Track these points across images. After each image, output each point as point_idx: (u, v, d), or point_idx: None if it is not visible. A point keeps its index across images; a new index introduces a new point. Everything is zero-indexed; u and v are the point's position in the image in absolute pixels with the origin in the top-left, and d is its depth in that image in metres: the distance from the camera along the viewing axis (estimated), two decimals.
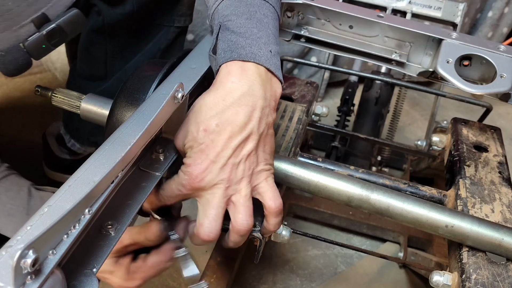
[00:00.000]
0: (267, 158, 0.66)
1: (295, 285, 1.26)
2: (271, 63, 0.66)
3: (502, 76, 0.79)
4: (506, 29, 2.01)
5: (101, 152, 0.53)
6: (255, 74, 0.63)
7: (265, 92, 0.64)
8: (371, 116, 1.45)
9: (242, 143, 0.62)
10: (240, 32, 0.66)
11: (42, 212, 0.44)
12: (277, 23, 0.73)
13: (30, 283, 0.40)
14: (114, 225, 0.55)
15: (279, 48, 0.69)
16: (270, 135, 0.66)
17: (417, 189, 0.85)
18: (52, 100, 0.78)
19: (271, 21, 0.70)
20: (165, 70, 0.70)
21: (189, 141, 0.63)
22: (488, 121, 1.06)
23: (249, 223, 0.65)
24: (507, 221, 0.76)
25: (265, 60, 0.65)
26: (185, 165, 0.64)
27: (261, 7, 0.70)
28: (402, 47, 0.90)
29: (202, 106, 0.63)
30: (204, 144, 0.61)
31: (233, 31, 0.66)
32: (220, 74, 0.64)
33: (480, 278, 0.67)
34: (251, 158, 0.63)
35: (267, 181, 0.66)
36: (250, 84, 0.63)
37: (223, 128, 0.61)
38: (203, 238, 0.63)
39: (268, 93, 0.65)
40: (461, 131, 0.96)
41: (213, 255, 1.16)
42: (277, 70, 0.67)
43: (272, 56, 0.66)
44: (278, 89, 0.67)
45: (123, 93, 0.69)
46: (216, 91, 0.63)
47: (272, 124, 0.66)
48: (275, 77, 0.67)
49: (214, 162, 0.61)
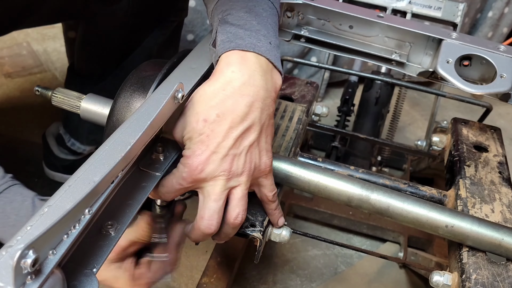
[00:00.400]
0: (268, 149, 0.65)
1: (295, 285, 1.26)
2: (271, 54, 0.65)
3: (502, 76, 0.79)
4: (506, 29, 2.01)
5: (101, 152, 0.53)
6: (255, 64, 0.63)
7: (266, 82, 0.63)
8: (371, 116, 1.45)
9: (243, 133, 0.61)
10: (239, 24, 0.65)
11: (42, 212, 0.44)
12: (276, 19, 0.72)
13: (30, 283, 0.40)
14: (114, 225, 0.55)
15: (278, 42, 0.69)
16: (271, 125, 0.65)
17: (417, 189, 0.85)
18: (52, 100, 0.78)
19: (270, 16, 0.70)
20: (165, 70, 0.70)
21: (188, 132, 0.62)
22: (488, 121, 1.06)
23: (244, 217, 0.64)
24: (507, 221, 0.76)
25: (265, 50, 0.64)
26: (184, 157, 0.62)
27: (259, 2, 0.70)
28: (402, 47, 0.90)
29: (201, 97, 0.62)
30: (204, 135, 0.60)
31: (232, 23, 0.66)
32: (220, 64, 0.64)
33: (480, 278, 0.67)
34: (252, 150, 0.62)
35: (267, 177, 0.66)
36: (251, 74, 0.62)
37: (224, 118, 0.60)
38: (204, 230, 0.62)
39: (269, 84, 0.64)
40: (461, 131, 0.96)
41: (213, 255, 1.16)
42: (277, 62, 0.66)
43: (272, 48, 0.66)
44: (279, 80, 0.67)
45: (123, 93, 0.69)
46: (216, 81, 0.62)
47: (272, 114, 0.65)
48: (275, 69, 0.66)
49: (215, 153, 0.60)
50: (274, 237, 0.74)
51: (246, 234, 0.69)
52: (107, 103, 0.74)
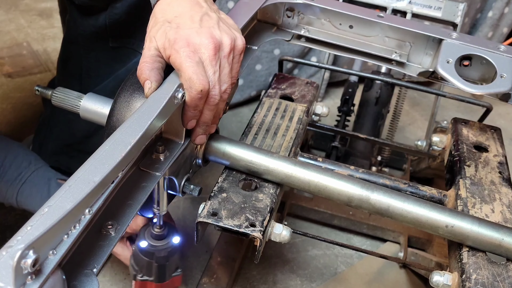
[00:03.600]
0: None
1: (295, 285, 1.26)
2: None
3: (502, 76, 0.79)
4: (506, 29, 2.01)
5: (101, 152, 0.53)
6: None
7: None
8: (371, 116, 1.45)
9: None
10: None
11: (42, 212, 0.44)
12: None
13: (30, 283, 0.40)
14: (114, 225, 0.55)
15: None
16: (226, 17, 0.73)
17: (417, 189, 0.85)
18: (52, 100, 0.78)
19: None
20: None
21: (162, 44, 0.66)
22: (488, 121, 1.06)
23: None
24: (507, 221, 0.76)
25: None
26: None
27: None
28: (402, 47, 0.90)
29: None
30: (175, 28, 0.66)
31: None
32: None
33: (480, 278, 0.67)
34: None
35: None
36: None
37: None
38: (198, 87, 0.64)
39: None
40: (461, 131, 0.96)
41: (213, 255, 1.17)
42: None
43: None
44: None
45: (123, 93, 0.69)
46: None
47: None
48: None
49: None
50: (274, 237, 0.74)
51: (246, 234, 0.69)
52: (107, 103, 0.73)
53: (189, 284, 1.21)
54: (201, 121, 0.69)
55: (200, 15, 0.69)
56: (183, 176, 0.73)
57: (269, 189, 0.76)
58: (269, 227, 0.73)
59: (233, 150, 0.76)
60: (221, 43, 0.67)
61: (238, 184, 0.76)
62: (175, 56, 0.64)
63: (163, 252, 0.95)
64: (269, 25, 0.97)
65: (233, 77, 0.70)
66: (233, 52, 0.69)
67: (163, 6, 0.70)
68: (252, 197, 0.74)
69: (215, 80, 0.66)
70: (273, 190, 0.76)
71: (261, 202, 0.73)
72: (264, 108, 0.95)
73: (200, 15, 0.69)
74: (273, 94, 1.00)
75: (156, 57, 0.66)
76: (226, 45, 0.67)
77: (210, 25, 0.68)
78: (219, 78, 0.67)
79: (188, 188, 0.74)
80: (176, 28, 0.66)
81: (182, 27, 0.66)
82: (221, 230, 0.70)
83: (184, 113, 0.67)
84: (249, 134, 0.88)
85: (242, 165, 0.76)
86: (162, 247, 0.95)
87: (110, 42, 1.08)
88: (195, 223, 0.70)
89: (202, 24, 0.67)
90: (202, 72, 0.64)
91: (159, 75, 0.65)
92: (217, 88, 0.66)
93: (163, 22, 0.68)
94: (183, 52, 0.64)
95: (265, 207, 0.73)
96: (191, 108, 0.66)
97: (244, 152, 0.76)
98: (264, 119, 0.92)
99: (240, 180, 0.77)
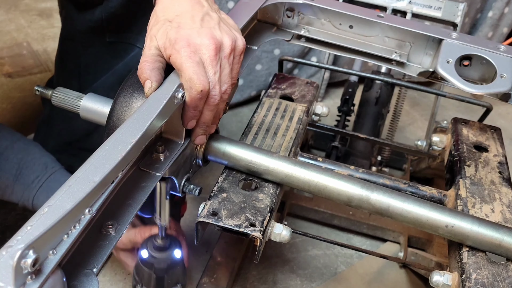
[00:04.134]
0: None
1: (295, 285, 1.26)
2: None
3: (502, 76, 0.79)
4: (506, 29, 2.01)
5: (101, 152, 0.53)
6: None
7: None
8: (371, 116, 1.45)
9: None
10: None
11: (42, 212, 0.44)
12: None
13: (30, 283, 0.40)
14: (114, 225, 0.55)
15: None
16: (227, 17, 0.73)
17: (417, 189, 0.85)
18: (52, 100, 0.78)
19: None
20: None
21: (163, 44, 0.66)
22: (488, 121, 1.06)
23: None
24: (507, 221, 0.76)
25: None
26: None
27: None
28: (402, 47, 0.90)
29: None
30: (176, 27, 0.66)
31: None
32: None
33: (480, 278, 0.67)
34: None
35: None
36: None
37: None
38: (199, 87, 0.64)
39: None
40: (461, 131, 0.96)
41: (213, 255, 1.17)
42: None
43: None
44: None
45: (124, 92, 0.69)
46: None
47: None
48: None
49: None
50: (274, 237, 0.74)
51: (246, 234, 0.69)
52: (107, 103, 0.73)
53: (189, 284, 1.21)
54: (201, 121, 0.69)
55: (201, 15, 0.69)
56: (183, 176, 0.73)
57: (269, 189, 0.76)
58: (269, 227, 0.73)
59: (233, 150, 0.76)
60: (222, 44, 0.67)
61: (238, 184, 0.76)
62: (175, 56, 0.64)
63: (163, 264, 0.93)
64: (269, 25, 0.97)
65: (233, 77, 0.70)
66: (234, 53, 0.69)
67: (165, 5, 0.70)
68: (252, 197, 0.74)
69: (216, 80, 0.66)
70: (273, 190, 0.76)
71: (261, 202, 0.73)
72: (264, 108, 0.95)
73: (201, 15, 0.69)
74: (273, 94, 1.00)
75: (156, 57, 0.66)
76: (227, 45, 0.67)
77: (211, 25, 0.68)
78: (220, 79, 0.67)
79: (188, 188, 0.74)
80: (177, 27, 0.66)
81: (183, 26, 0.66)
82: (221, 230, 0.70)
83: (184, 113, 0.67)
84: (249, 134, 0.88)
85: (242, 165, 0.76)
86: (162, 258, 0.93)
87: (107, 37, 1.08)
88: (195, 223, 0.70)
89: (203, 24, 0.67)
90: (203, 73, 0.64)
91: (160, 75, 0.65)
92: (217, 88, 0.66)
93: (164, 21, 0.68)
94: (184, 52, 0.64)
95: (265, 207, 0.73)
96: (191, 108, 0.66)
97: (244, 152, 0.76)
98: (264, 119, 0.92)
99: (240, 180, 0.77)
